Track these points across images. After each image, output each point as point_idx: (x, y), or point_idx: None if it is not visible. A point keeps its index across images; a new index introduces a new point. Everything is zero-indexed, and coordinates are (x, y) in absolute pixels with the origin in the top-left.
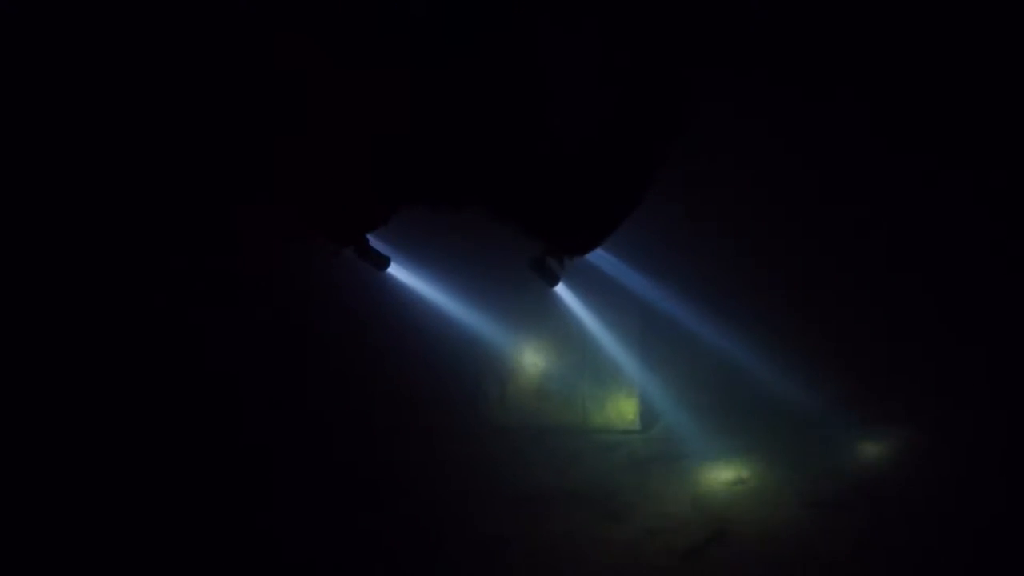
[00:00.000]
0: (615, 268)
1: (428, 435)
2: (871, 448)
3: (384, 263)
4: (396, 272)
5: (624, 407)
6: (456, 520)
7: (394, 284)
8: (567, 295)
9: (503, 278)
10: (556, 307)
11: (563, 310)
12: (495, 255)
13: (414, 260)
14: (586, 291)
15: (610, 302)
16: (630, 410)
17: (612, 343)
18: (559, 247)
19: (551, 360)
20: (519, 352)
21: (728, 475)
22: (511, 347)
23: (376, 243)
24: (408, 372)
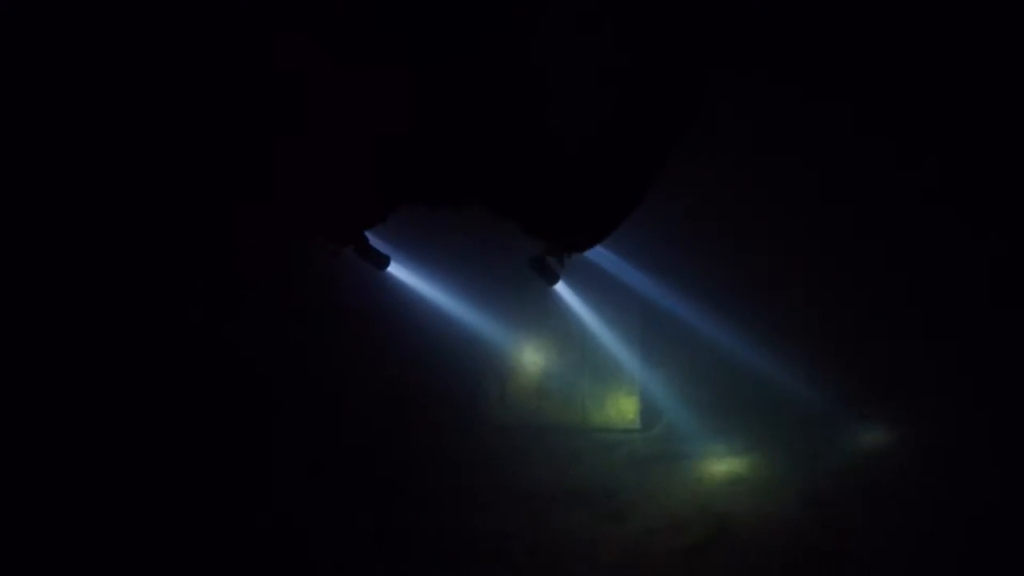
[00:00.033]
0: (615, 266)
1: (428, 433)
2: (872, 447)
3: (384, 262)
4: (396, 271)
5: (624, 405)
6: (456, 519)
7: (394, 283)
8: (567, 293)
9: (503, 277)
10: (556, 305)
11: (563, 308)
12: (495, 254)
13: (414, 259)
14: (586, 289)
15: (610, 300)
16: (630, 408)
17: (612, 341)
18: (559, 246)
19: (551, 358)
20: (519, 350)
21: (729, 473)
22: (511, 345)
23: (376, 242)
24: (408, 371)
